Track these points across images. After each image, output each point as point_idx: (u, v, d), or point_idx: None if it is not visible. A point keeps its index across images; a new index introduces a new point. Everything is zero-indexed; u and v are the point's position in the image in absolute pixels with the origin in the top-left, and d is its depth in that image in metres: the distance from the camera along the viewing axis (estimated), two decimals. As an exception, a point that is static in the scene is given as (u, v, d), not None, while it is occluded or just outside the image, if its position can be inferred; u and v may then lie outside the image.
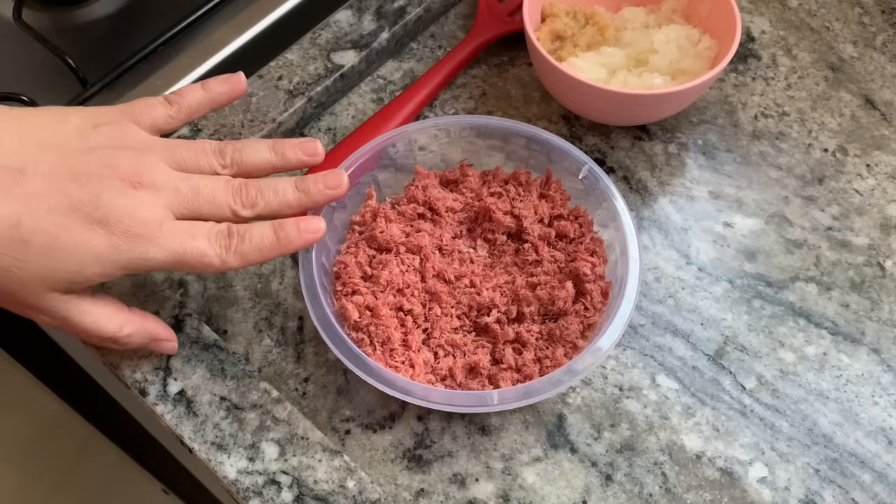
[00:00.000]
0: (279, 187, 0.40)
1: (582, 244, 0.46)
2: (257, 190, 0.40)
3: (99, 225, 0.36)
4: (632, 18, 0.55)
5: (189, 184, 0.39)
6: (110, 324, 0.39)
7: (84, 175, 0.37)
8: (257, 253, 0.39)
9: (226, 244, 0.38)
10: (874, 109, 0.55)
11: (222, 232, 0.39)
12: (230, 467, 0.40)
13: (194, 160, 0.40)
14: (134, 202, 0.37)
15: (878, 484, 0.42)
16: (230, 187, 0.40)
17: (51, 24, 0.57)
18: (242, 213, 0.40)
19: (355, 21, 0.56)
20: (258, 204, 0.40)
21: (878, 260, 0.49)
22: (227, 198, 0.39)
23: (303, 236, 0.40)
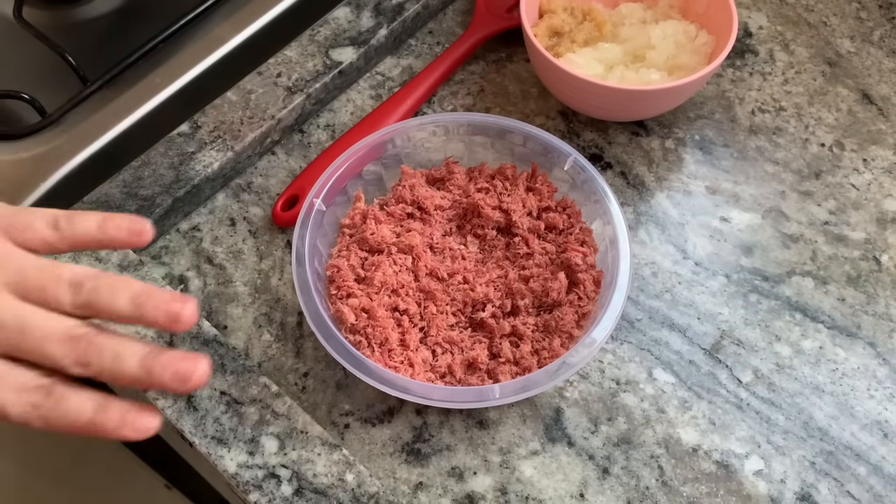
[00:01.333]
0: (122, 353, 0.34)
1: (571, 235, 0.46)
2: (97, 350, 0.33)
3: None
4: (629, 14, 0.55)
5: (18, 320, 0.33)
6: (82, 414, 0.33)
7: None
8: (66, 427, 0.33)
9: (35, 403, 0.33)
10: (871, 104, 0.55)
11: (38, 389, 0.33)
12: (230, 461, 0.41)
13: (41, 289, 0.34)
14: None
15: (874, 476, 0.43)
16: (66, 338, 0.33)
17: (51, 22, 0.57)
18: (72, 372, 0.33)
19: (354, 18, 0.56)
20: (92, 364, 0.33)
21: (875, 254, 0.49)
22: (58, 348, 0.33)
23: (122, 430, 0.33)
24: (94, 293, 0.34)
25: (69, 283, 0.34)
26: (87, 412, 0.33)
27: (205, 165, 0.50)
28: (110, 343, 0.34)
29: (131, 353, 0.34)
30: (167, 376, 0.34)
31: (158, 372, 0.34)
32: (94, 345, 0.33)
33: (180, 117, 0.52)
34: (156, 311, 0.35)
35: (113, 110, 0.52)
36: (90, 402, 0.33)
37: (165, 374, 0.34)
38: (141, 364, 0.34)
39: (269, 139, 0.53)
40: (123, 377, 0.33)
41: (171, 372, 0.34)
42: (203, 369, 0.34)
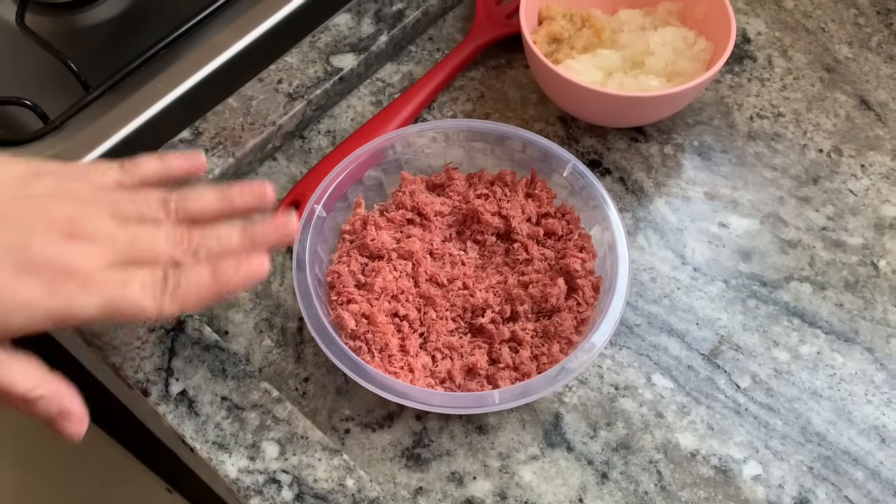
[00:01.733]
0: (223, 234, 0.39)
1: (570, 241, 0.47)
2: (200, 238, 0.38)
3: (28, 272, 0.34)
4: (628, 21, 0.55)
5: (127, 234, 0.37)
6: (25, 380, 0.36)
7: (16, 222, 0.35)
8: (195, 295, 0.37)
9: (161, 288, 0.37)
10: (869, 110, 0.55)
11: (157, 277, 0.37)
12: (231, 466, 0.41)
13: (137, 210, 0.38)
14: (65, 251, 0.35)
15: (871, 481, 0.43)
16: (172, 236, 0.38)
17: (53, 29, 0.57)
18: (184, 261, 0.38)
19: (354, 24, 0.57)
20: (200, 251, 0.38)
21: (872, 260, 0.50)
22: (166, 246, 0.38)
23: (241, 276, 0.38)
24: (182, 202, 0.39)
25: (157, 201, 0.39)
26: (205, 277, 0.37)
27: (206, 172, 0.50)
28: (210, 229, 0.39)
29: (229, 230, 0.39)
30: (270, 233, 0.39)
31: (259, 234, 0.39)
32: (196, 235, 0.38)
33: (182, 123, 0.52)
34: (241, 196, 0.40)
35: (115, 116, 0.52)
36: (204, 268, 0.37)
37: (267, 232, 0.39)
38: (242, 234, 0.39)
39: (270, 145, 0.53)
40: (232, 251, 0.38)
41: (272, 228, 0.39)
42: (295, 220, 0.40)
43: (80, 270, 0.35)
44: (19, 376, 0.36)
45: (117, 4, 0.59)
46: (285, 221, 0.40)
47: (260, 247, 0.39)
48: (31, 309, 0.35)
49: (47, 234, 0.36)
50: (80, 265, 0.35)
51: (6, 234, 0.35)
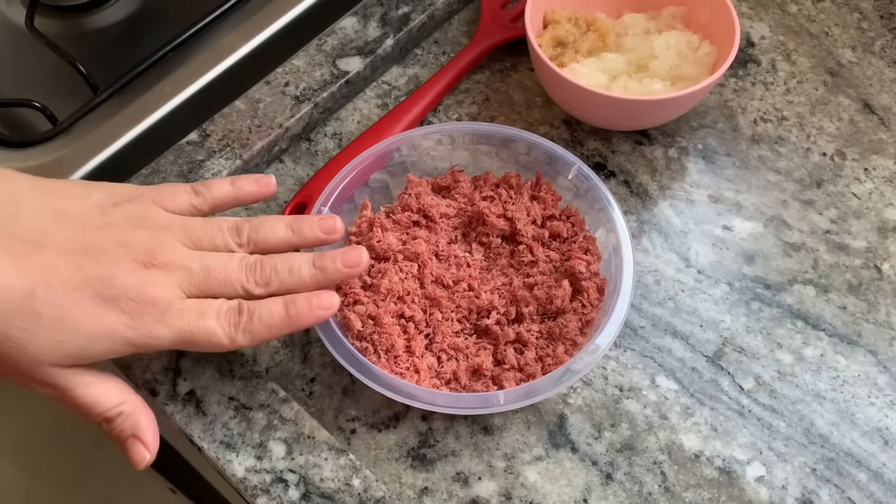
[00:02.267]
0: (295, 265, 0.40)
1: (575, 243, 0.47)
2: (272, 268, 0.39)
3: (110, 303, 0.36)
4: (632, 25, 0.55)
5: (201, 262, 0.38)
6: (108, 399, 0.38)
7: (98, 252, 0.37)
8: (267, 331, 0.38)
9: (235, 322, 0.38)
10: (872, 114, 0.56)
11: (232, 309, 0.38)
12: (238, 466, 0.41)
13: (210, 238, 0.40)
14: (145, 282, 0.37)
15: (874, 483, 0.43)
16: (244, 265, 0.39)
17: (62, 31, 0.58)
18: (255, 292, 0.39)
19: (360, 28, 0.57)
20: (272, 283, 0.39)
21: (876, 263, 0.50)
22: (239, 276, 0.39)
23: (315, 313, 0.39)
24: (254, 231, 0.41)
25: (229, 229, 0.40)
26: (279, 312, 0.38)
27: (213, 174, 0.51)
28: (281, 260, 0.40)
29: (302, 261, 0.40)
30: (340, 267, 0.40)
31: (330, 268, 0.40)
32: (268, 265, 0.39)
33: (189, 125, 0.53)
34: (311, 230, 0.42)
35: (123, 118, 0.52)
36: (277, 303, 0.39)
37: (337, 265, 0.40)
38: (313, 267, 0.40)
39: (277, 147, 0.53)
40: (304, 283, 0.40)
41: (341, 262, 0.40)
42: (366, 254, 0.41)
43: (158, 301, 0.37)
44: (104, 396, 0.38)
45: (126, 7, 0.59)
46: (357, 257, 0.41)
47: (330, 280, 0.40)
48: (114, 338, 0.36)
49: (127, 264, 0.37)
50: (158, 296, 0.37)
51: (90, 266, 0.36)
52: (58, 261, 0.36)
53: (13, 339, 0.35)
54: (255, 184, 0.43)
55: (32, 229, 0.36)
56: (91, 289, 0.36)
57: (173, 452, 0.78)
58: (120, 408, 0.38)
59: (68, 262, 0.36)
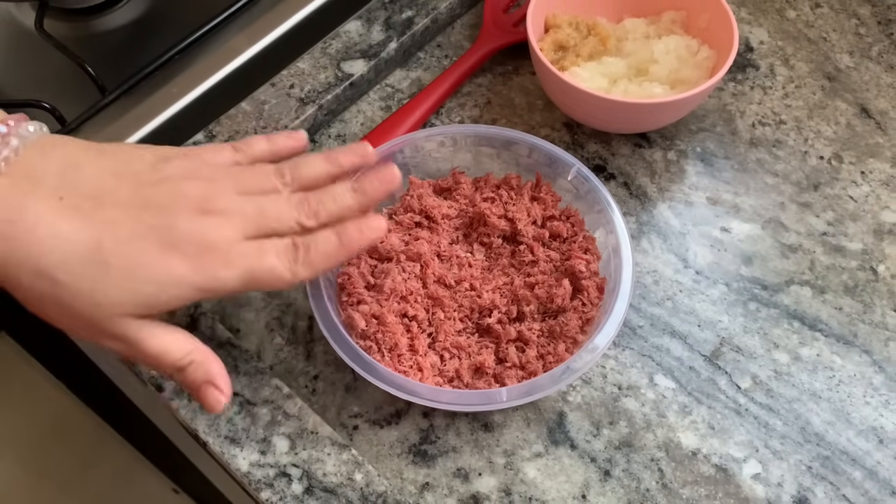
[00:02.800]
0: (338, 192, 0.42)
1: (575, 242, 0.48)
2: (318, 200, 0.41)
3: (174, 249, 0.37)
4: (633, 29, 0.56)
5: (254, 205, 0.40)
6: (179, 349, 0.39)
7: (157, 204, 0.38)
8: (324, 259, 0.40)
9: (293, 257, 0.39)
10: (869, 118, 0.56)
11: (288, 246, 0.40)
12: (243, 460, 0.42)
13: (257, 183, 0.41)
14: (204, 227, 0.38)
15: (869, 481, 0.44)
16: (293, 202, 0.41)
17: (71, 34, 0.58)
18: (308, 224, 0.41)
19: (364, 31, 0.58)
20: (321, 212, 0.41)
21: (871, 264, 0.51)
22: (291, 212, 0.40)
23: (365, 235, 0.41)
24: (296, 170, 0.42)
25: (274, 172, 0.42)
26: (333, 240, 0.40)
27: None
28: (324, 191, 0.41)
29: (342, 189, 0.42)
30: (378, 185, 0.42)
31: (369, 188, 0.42)
32: (313, 198, 0.41)
33: (196, 126, 0.54)
34: (346, 156, 0.43)
35: (130, 119, 0.53)
36: (330, 233, 0.40)
37: (374, 184, 0.42)
38: (354, 191, 0.42)
39: (282, 148, 0.54)
40: (349, 207, 0.41)
41: (379, 181, 0.42)
42: (397, 168, 0.43)
43: (219, 244, 0.38)
44: (174, 345, 0.39)
45: (133, 10, 0.60)
46: (391, 173, 0.42)
47: (372, 199, 0.42)
48: (181, 283, 0.37)
49: (186, 213, 0.38)
50: (219, 239, 0.38)
51: (151, 217, 0.38)
52: (120, 214, 0.37)
53: (85, 292, 0.36)
54: (289, 138, 0.45)
55: (94, 187, 0.38)
56: (155, 237, 0.37)
57: (176, 452, 0.79)
58: (191, 356, 0.39)
59: (129, 215, 0.37)
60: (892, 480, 0.44)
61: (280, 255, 0.39)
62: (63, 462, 1.00)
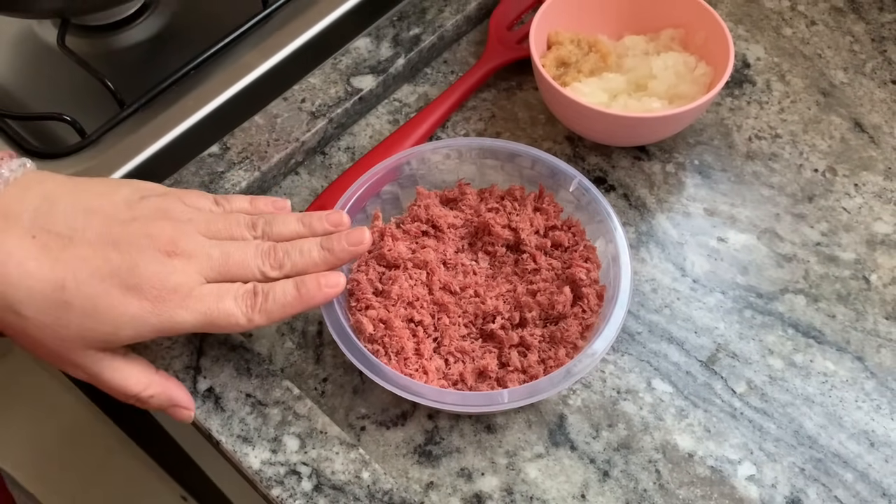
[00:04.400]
0: (305, 247, 0.43)
1: (576, 252, 0.49)
2: (284, 252, 0.43)
3: (134, 291, 0.39)
4: (632, 46, 0.58)
5: (220, 249, 0.41)
6: (137, 383, 0.42)
7: (125, 243, 0.40)
8: (281, 310, 0.41)
9: (251, 303, 0.41)
10: (863, 132, 0.58)
11: (248, 292, 0.41)
12: (254, 458, 0.44)
13: (227, 229, 0.43)
14: (167, 270, 0.40)
15: (860, 483, 0.45)
16: (259, 250, 0.42)
17: (91, 50, 0.60)
18: (270, 274, 0.42)
19: (373, 48, 0.60)
20: (285, 264, 0.42)
21: (864, 274, 0.52)
22: (256, 260, 0.42)
23: (323, 291, 0.42)
24: (268, 225, 0.44)
25: (246, 224, 0.43)
26: (291, 291, 0.42)
27: (233, 184, 0.53)
28: (292, 244, 0.43)
29: (310, 244, 0.43)
30: (346, 246, 0.43)
31: (337, 247, 0.43)
32: (280, 249, 0.43)
33: (211, 139, 0.55)
34: (320, 222, 0.45)
35: (148, 132, 0.55)
36: (289, 284, 0.42)
37: (343, 244, 0.43)
38: (321, 248, 0.43)
39: (294, 160, 0.56)
40: (315, 264, 0.43)
41: (347, 242, 0.44)
42: (368, 233, 0.44)
43: (180, 288, 0.40)
44: (132, 379, 0.41)
45: (151, 27, 0.62)
46: (360, 236, 0.44)
47: (338, 259, 0.44)
48: (139, 324, 0.39)
49: (151, 253, 0.40)
50: (180, 283, 0.40)
51: (116, 257, 0.39)
52: (87, 253, 0.39)
53: (49, 327, 0.38)
54: (271, 205, 0.46)
55: (65, 225, 0.39)
56: (117, 278, 0.39)
57: (185, 458, 0.80)
58: (149, 391, 0.42)
59: (96, 253, 0.39)
60: (883, 482, 0.45)
61: (238, 301, 0.41)
62: (75, 470, 1.01)
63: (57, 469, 1.01)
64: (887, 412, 0.47)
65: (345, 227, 0.45)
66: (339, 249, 0.43)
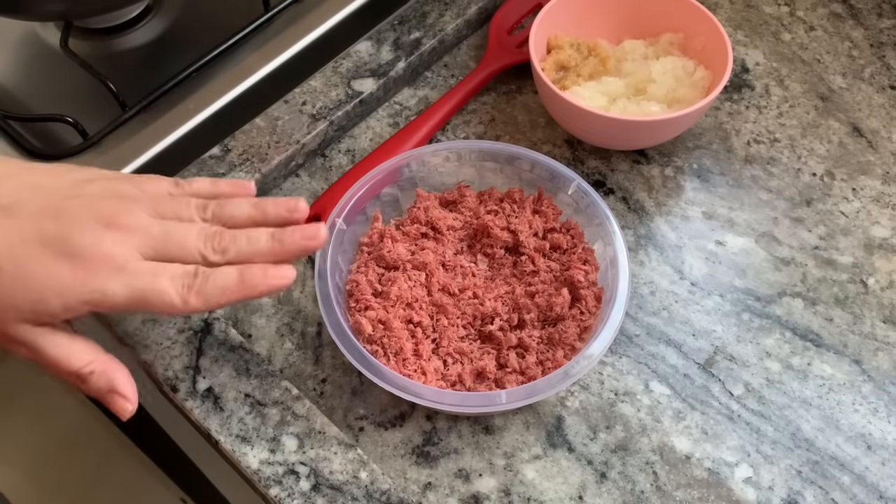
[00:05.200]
0: (253, 235, 0.41)
1: (574, 254, 0.49)
2: (231, 237, 0.40)
3: (65, 258, 0.37)
4: (632, 50, 0.58)
5: (162, 228, 0.40)
6: (79, 359, 0.39)
7: (63, 214, 0.38)
8: (220, 295, 0.39)
9: (189, 284, 0.39)
10: (861, 137, 0.58)
11: (187, 272, 0.39)
12: (253, 458, 0.44)
13: (174, 210, 0.41)
14: (102, 240, 0.38)
15: (857, 485, 0.45)
16: (203, 233, 0.40)
17: (94, 52, 0.61)
18: (212, 259, 0.40)
19: (374, 51, 0.60)
20: (229, 250, 0.40)
21: (862, 277, 0.52)
22: (197, 242, 0.40)
23: (269, 281, 0.40)
24: (219, 207, 0.42)
25: (196, 205, 0.42)
26: (233, 277, 0.39)
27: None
28: (241, 231, 0.41)
29: (259, 233, 0.41)
30: (298, 239, 0.41)
31: (287, 239, 0.41)
32: (227, 234, 0.40)
33: (212, 141, 0.56)
34: (275, 208, 0.42)
35: (149, 133, 0.55)
36: (233, 270, 0.39)
37: (295, 237, 0.41)
38: (272, 238, 0.41)
39: (294, 162, 0.56)
40: (261, 253, 0.40)
41: (300, 235, 0.41)
42: (324, 230, 0.42)
43: (114, 258, 0.38)
44: (74, 355, 0.39)
45: (154, 30, 0.63)
46: (315, 230, 0.42)
47: (288, 252, 0.41)
48: (66, 293, 0.37)
49: (89, 224, 0.38)
50: (114, 254, 0.38)
51: (54, 227, 0.38)
52: (25, 223, 0.38)
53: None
54: (232, 186, 0.44)
55: (8, 198, 0.39)
56: (49, 246, 0.37)
57: (185, 460, 0.80)
58: (91, 366, 0.39)
59: (34, 223, 0.38)
60: (880, 485, 0.45)
61: (175, 280, 0.39)
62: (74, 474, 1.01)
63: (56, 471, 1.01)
64: (884, 415, 0.47)
65: (300, 214, 0.43)
66: (290, 242, 0.41)
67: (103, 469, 1.02)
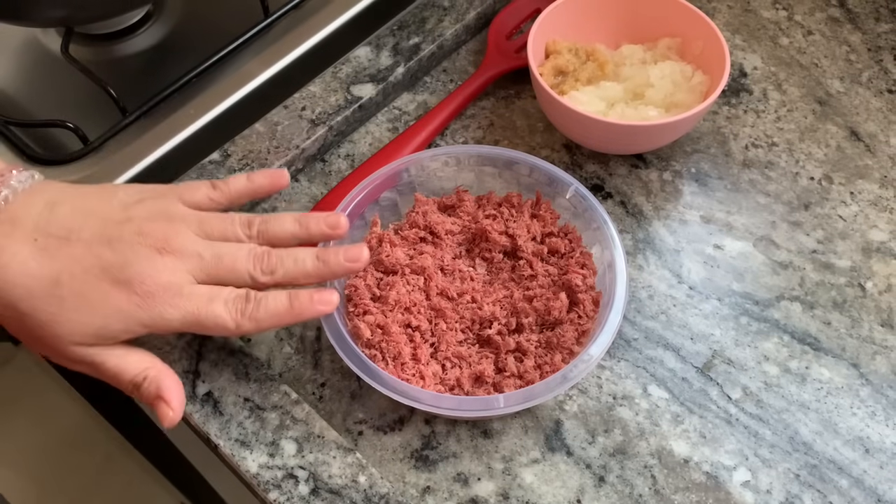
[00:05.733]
0: (299, 256, 0.43)
1: (572, 258, 0.50)
2: (278, 258, 0.42)
3: (124, 286, 0.40)
4: (630, 55, 0.59)
5: (212, 251, 0.42)
6: (133, 368, 0.41)
7: (118, 241, 0.41)
8: (270, 319, 0.41)
9: (241, 309, 0.41)
10: (859, 141, 0.58)
11: (240, 297, 0.41)
12: (252, 462, 0.44)
13: (221, 230, 0.43)
14: (157, 266, 0.40)
15: (855, 489, 0.45)
16: (252, 255, 0.42)
17: (94, 58, 0.61)
18: (261, 280, 0.42)
19: (373, 57, 0.60)
20: (277, 271, 0.42)
21: (860, 281, 0.52)
22: (247, 265, 0.42)
23: (315, 307, 0.42)
24: (264, 224, 0.44)
25: (241, 223, 0.44)
26: (284, 302, 0.42)
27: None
28: (286, 251, 0.43)
29: (306, 253, 0.43)
30: (342, 260, 0.43)
31: (332, 261, 0.43)
32: (274, 255, 0.42)
33: (212, 146, 0.56)
34: (317, 224, 0.44)
35: (150, 139, 0.55)
36: (282, 295, 0.42)
37: (339, 258, 0.43)
38: (317, 259, 0.43)
39: (294, 167, 0.57)
40: (307, 274, 0.43)
41: (343, 256, 0.43)
42: (366, 252, 0.44)
43: (170, 285, 0.40)
44: (130, 365, 0.41)
45: (154, 36, 0.63)
46: (358, 253, 0.44)
47: (332, 273, 0.43)
48: (127, 318, 0.40)
49: (143, 250, 0.40)
50: (171, 280, 0.40)
51: (108, 254, 0.40)
52: (81, 251, 0.40)
53: (45, 323, 0.39)
54: (268, 177, 0.46)
55: (63, 227, 0.41)
56: (108, 274, 0.40)
57: (185, 463, 0.80)
58: (145, 372, 0.41)
59: (90, 252, 0.40)
60: (878, 489, 0.45)
61: (228, 305, 0.41)
62: (74, 476, 1.02)
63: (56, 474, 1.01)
64: (882, 419, 0.47)
65: (342, 230, 0.45)
66: (335, 263, 0.43)
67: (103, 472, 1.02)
